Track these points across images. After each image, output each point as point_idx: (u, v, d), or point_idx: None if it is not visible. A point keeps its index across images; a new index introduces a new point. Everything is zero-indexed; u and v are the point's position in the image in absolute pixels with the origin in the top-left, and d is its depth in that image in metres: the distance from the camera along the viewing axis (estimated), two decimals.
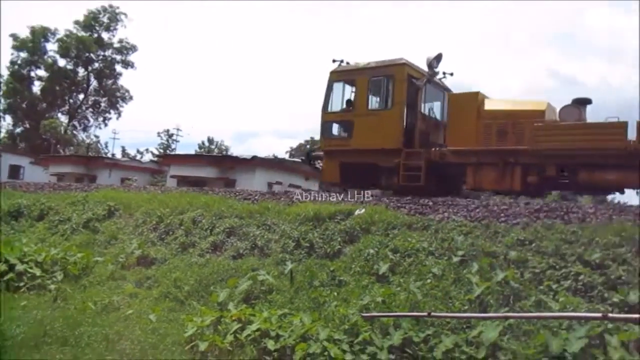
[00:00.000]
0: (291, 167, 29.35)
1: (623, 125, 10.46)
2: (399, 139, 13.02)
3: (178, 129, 59.91)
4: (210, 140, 58.99)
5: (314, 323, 6.77)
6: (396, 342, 6.07)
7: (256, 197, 14.16)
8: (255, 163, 25.42)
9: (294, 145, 53.18)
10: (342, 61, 14.60)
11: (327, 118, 14.53)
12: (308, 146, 50.71)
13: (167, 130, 59.26)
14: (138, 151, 60.10)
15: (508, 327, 6.02)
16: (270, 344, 6.56)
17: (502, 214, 9.82)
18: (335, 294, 8.03)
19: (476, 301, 6.85)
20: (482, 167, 12.07)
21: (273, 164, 27.99)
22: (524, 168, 11.59)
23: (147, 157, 51.18)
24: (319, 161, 15.74)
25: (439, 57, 14.00)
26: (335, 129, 14.72)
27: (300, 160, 33.68)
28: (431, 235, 9.38)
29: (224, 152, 52.81)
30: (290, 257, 9.92)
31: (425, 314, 5.95)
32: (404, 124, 13.29)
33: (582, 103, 11.66)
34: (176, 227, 12.53)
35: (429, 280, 7.71)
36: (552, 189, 12.30)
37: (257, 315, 7.35)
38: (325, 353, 6.09)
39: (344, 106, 14.32)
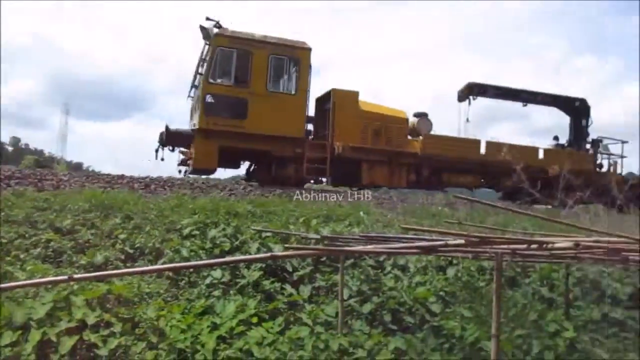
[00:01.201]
0: None
1: (478, 142, 14.27)
2: (302, 128, 12.87)
3: None
4: None
5: None
6: None
7: None
8: None
9: None
10: (218, 22, 12.59)
11: (211, 90, 12.38)
12: None
13: None
14: None
15: None
16: None
17: None
18: None
19: None
20: (375, 164, 13.18)
21: None
22: (408, 168, 13.62)
23: None
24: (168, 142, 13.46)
25: None
26: (221, 105, 12.50)
27: None
28: None
29: None
30: None
31: None
32: (307, 112, 13.20)
33: (424, 116, 14.36)
34: None
35: None
36: (424, 187, 14.27)
37: None
38: None
39: (231, 79, 12.65)
